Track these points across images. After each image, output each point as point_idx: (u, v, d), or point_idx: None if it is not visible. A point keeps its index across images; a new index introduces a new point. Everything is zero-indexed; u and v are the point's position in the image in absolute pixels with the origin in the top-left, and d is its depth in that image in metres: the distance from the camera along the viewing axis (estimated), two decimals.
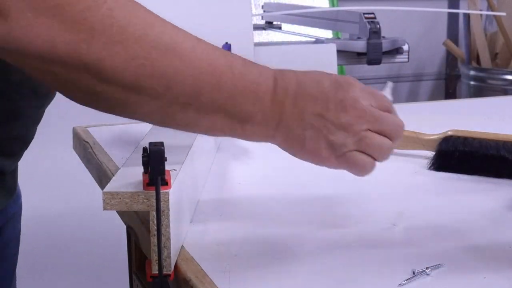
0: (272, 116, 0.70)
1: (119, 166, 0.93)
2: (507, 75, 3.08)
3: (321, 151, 0.72)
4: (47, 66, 0.62)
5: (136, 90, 0.65)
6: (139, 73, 0.64)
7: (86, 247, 1.98)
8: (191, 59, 0.67)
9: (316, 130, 0.71)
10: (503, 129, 0.99)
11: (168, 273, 0.65)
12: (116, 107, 0.68)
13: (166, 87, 0.65)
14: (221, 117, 0.69)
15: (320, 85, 0.72)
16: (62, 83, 0.65)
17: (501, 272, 0.66)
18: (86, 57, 0.62)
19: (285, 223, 0.79)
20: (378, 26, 2.08)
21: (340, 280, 0.65)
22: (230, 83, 0.68)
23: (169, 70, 0.65)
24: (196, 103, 0.67)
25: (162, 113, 0.68)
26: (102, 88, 0.64)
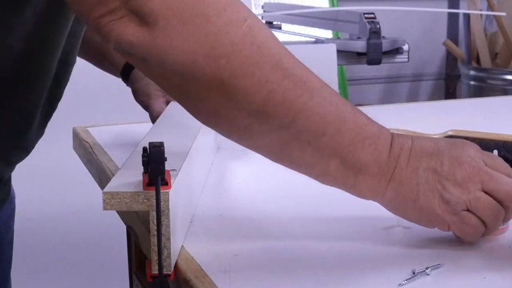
0: (387, 170, 0.69)
1: (119, 166, 0.93)
2: (507, 75, 3.08)
3: (435, 208, 0.69)
4: (181, 80, 0.63)
5: (261, 117, 0.64)
6: (269, 99, 0.64)
7: (86, 247, 1.98)
8: (320, 98, 0.66)
9: (430, 186, 0.69)
10: (503, 129, 0.99)
11: (168, 273, 0.65)
12: (236, 133, 0.68)
13: (291, 119, 0.65)
14: (337, 163, 0.68)
15: (435, 142, 0.71)
16: (190, 99, 0.65)
17: (501, 272, 0.66)
18: (223, 72, 0.62)
19: (285, 223, 0.79)
20: (378, 26, 2.08)
21: (340, 280, 0.65)
22: (353, 131, 0.67)
23: (298, 102, 0.65)
24: (317, 143, 0.67)
25: (281, 148, 0.68)
26: (229, 111, 0.64)
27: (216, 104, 0.64)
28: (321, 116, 0.66)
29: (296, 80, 0.65)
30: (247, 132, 0.67)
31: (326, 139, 0.67)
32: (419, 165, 0.69)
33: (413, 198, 0.69)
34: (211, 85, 0.62)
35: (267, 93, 0.64)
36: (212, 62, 0.62)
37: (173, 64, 0.62)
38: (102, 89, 1.75)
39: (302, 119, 0.65)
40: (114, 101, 1.85)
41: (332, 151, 0.67)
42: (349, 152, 0.68)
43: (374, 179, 0.69)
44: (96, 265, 1.96)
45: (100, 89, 1.65)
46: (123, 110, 1.69)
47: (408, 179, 0.69)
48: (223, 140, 1.11)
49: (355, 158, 0.68)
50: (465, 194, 0.68)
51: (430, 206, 0.69)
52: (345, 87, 3.16)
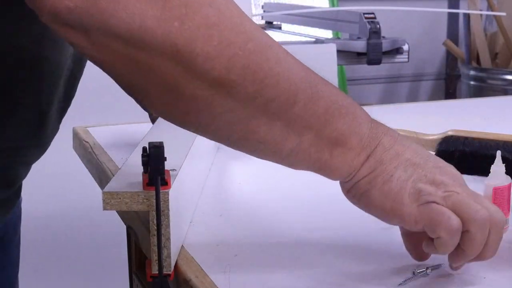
0: (368, 143, 0.62)
1: (119, 166, 0.93)
2: (507, 75, 3.08)
3: (404, 196, 0.62)
4: (129, 49, 0.55)
5: (225, 87, 0.57)
6: (232, 64, 0.56)
7: (86, 247, 1.98)
8: (287, 62, 0.60)
9: (407, 175, 0.62)
10: (503, 129, 0.99)
11: (168, 273, 0.65)
12: (195, 110, 0.59)
13: (258, 86, 0.58)
14: (311, 136, 0.61)
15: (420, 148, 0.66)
16: (140, 74, 0.57)
17: (501, 272, 0.66)
18: (177, 36, 0.54)
19: (285, 223, 0.79)
20: (378, 26, 2.08)
21: (340, 280, 0.65)
22: (327, 98, 0.60)
23: (265, 66, 0.58)
24: (287, 114, 0.59)
25: (244, 124, 0.60)
26: (187, 81, 0.56)
27: (172, 76, 0.56)
28: (291, 82, 0.59)
29: (261, 43, 0.58)
30: (207, 110, 0.58)
31: (298, 108, 0.59)
32: (404, 153, 0.63)
33: (386, 180, 0.62)
34: (164, 52, 0.55)
35: (230, 58, 0.56)
36: (164, 25, 0.54)
37: (119, 30, 0.54)
38: (102, 89, 1.75)
39: (270, 86, 0.58)
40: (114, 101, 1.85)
41: (305, 122, 0.60)
42: (325, 122, 0.61)
43: (353, 151, 0.62)
44: (96, 265, 1.96)
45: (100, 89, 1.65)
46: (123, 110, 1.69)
47: (388, 160, 0.62)
48: None
49: (332, 128, 0.61)
50: (440, 191, 0.62)
51: (399, 192, 0.62)
52: (345, 87, 3.16)
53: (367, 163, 0.63)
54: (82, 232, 1.98)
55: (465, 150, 0.95)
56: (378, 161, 0.63)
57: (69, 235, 1.98)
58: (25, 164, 0.88)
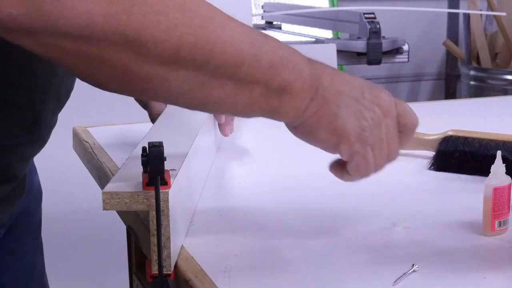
0: (310, 86, 0.68)
1: (119, 166, 0.93)
2: (507, 75, 3.08)
3: (350, 133, 0.70)
4: (79, 46, 0.57)
5: (175, 63, 0.61)
6: (181, 43, 0.60)
7: (86, 247, 1.98)
8: (231, 30, 0.64)
9: (351, 111, 0.69)
10: (503, 129, 0.99)
11: (168, 273, 0.65)
12: (151, 87, 0.63)
13: (207, 57, 0.62)
14: (259, 90, 0.66)
15: (354, 77, 0.72)
16: (93, 66, 0.59)
17: (501, 272, 0.66)
18: (125, 28, 0.57)
19: (285, 223, 0.79)
20: (378, 26, 2.08)
21: (340, 280, 0.65)
22: (269, 54, 0.66)
23: (211, 38, 0.62)
24: (237, 75, 0.64)
25: (199, 90, 0.64)
26: (139, 65, 0.60)
27: (124, 63, 0.59)
28: (237, 47, 0.64)
29: (205, 17, 0.62)
30: (163, 84, 0.62)
31: (246, 68, 0.64)
32: (343, 89, 0.70)
33: (332, 119, 0.69)
34: (114, 44, 0.57)
35: (179, 38, 0.60)
36: (112, 20, 0.56)
37: (67, 30, 0.55)
38: None
39: (218, 54, 0.62)
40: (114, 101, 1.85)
41: (253, 79, 0.65)
42: (270, 75, 0.66)
43: (298, 96, 0.68)
44: (96, 265, 1.96)
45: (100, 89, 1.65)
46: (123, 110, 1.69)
47: (331, 99, 0.69)
48: (223, 140, 1.11)
49: (277, 80, 0.66)
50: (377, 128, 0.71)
51: (345, 129, 0.70)
52: None
53: (312, 105, 0.69)
54: (82, 232, 1.98)
55: (465, 150, 0.95)
56: (321, 102, 0.69)
57: (69, 235, 1.98)
58: (23, 160, 0.89)
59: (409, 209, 0.83)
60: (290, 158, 1.05)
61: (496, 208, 0.74)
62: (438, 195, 0.90)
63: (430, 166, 0.98)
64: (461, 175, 0.94)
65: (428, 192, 0.91)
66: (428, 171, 0.97)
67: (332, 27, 2.33)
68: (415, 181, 0.95)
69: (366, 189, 0.91)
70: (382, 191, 0.90)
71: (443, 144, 0.98)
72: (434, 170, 0.97)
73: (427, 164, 0.98)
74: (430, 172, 0.97)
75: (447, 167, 0.96)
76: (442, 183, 0.94)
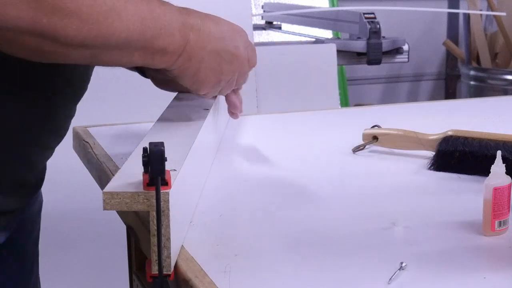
0: (178, 47, 0.82)
1: (119, 166, 0.93)
2: (507, 75, 3.08)
3: (210, 84, 0.89)
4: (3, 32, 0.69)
5: (79, 48, 0.74)
6: (87, 36, 0.73)
7: (86, 247, 1.98)
8: (127, 16, 0.76)
9: (212, 65, 0.87)
10: (503, 129, 0.99)
11: (168, 273, 0.65)
12: (54, 58, 0.76)
13: (104, 42, 0.75)
14: (140, 54, 0.80)
15: (219, 27, 0.88)
16: (13, 45, 0.72)
17: (501, 272, 0.66)
18: (45, 28, 0.70)
19: (285, 223, 0.79)
20: (378, 26, 2.09)
21: (339, 280, 0.65)
22: (152, 27, 0.79)
23: (110, 28, 0.75)
24: (125, 49, 0.78)
25: (91, 58, 0.78)
26: (52, 48, 0.72)
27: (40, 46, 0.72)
28: (129, 30, 0.76)
29: (108, 10, 0.74)
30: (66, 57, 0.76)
31: (134, 44, 0.78)
32: (206, 45, 0.86)
33: (195, 71, 0.86)
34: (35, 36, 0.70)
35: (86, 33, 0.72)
36: (35, 22, 0.69)
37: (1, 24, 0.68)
38: (102, 89, 1.75)
39: (112, 39, 0.75)
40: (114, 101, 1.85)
41: (137, 48, 0.79)
42: (151, 43, 0.79)
43: (168, 55, 0.82)
44: (96, 265, 1.96)
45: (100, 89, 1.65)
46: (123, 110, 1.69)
47: (195, 55, 0.84)
48: (224, 140, 1.11)
49: (154, 47, 0.80)
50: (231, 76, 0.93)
51: (204, 81, 0.88)
52: (345, 87, 3.16)
53: (180, 60, 0.84)
54: (82, 232, 1.98)
55: (465, 150, 0.95)
56: (187, 58, 0.84)
57: (69, 235, 1.98)
58: (43, 149, 0.90)
59: (409, 209, 0.83)
60: (290, 158, 1.05)
61: (496, 208, 0.74)
62: (438, 195, 0.90)
63: (430, 166, 0.98)
64: (461, 175, 0.94)
65: (428, 192, 0.91)
66: (428, 171, 0.97)
67: (332, 27, 2.33)
68: (415, 181, 0.95)
69: (366, 189, 0.91)
70: (382, 191, 0.90)
71: (443, 144, 0.98)
72: (434, 170, 0.97)
73: (427, 164, 0.98)
74: (430, 172, 0.97)
75: (447, 167, 0.96)
76: (442, 183, 0.94)
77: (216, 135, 1.06)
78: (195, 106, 0.98)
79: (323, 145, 1.10)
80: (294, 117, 1.31)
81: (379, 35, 2.09)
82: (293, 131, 1.21)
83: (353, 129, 1.10)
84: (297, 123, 1.27)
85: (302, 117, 1.30)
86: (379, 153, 1.05)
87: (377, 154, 1.05)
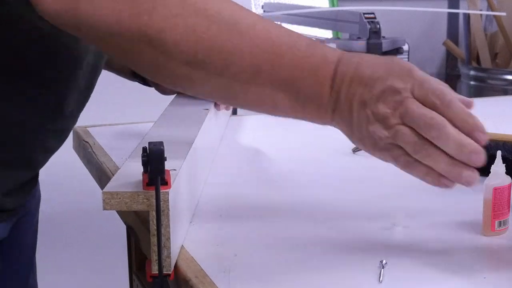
0: (329, 102, 0.69)
1: (119, 166, 0.93)
2: (507, 75, 3.08)
3: (365, 141, 0.69)
4: (113, 39, 0.65)
5: (196, 64, 0.66)
6: (198, 46, 0.65)
7: (86, 247, 1.98)
8: (251, 36, 0.67)
9: (360, 120, 0.68)
10: (503, 129, 0.99)
11: (168, 273, 0.65)
12: (179, 83, 0.70)
13: (224, 62, 0.66)
14: (282, 97, 0.68)
15: (373, 69, 0.68)
16: (129, 56, 0.67)
17: (501, 272, 0.66)
18: (147, 28, 0.64)
19: (285, 223, 0.79)
20: (378, 26, 2.09)
21: (339, 279, 0.65)
22: (290, 63, 0.68)
23: (228, 45, 0.66)
24: (256, 81, 0.67)
25: (225, 91, 0.70)
26: (165, 62, 0.66)
27: (151, 57, 0.66)
28: (254, 54, 0.67)
29: (223, 23, 0.66)
30: (188, 81, 0.69)
31: (264, 75, 0.67)
32: (354, 96, 0.68)
33: (351, 130, 0.70)
34: (140, 41, 0.65)
35: (195, 42, 0.65)
36: (136, 19, 0.64)
37: (100, 26, 0.65)
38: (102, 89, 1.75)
39: (235, 61, 0.67)
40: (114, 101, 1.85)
41: (273, 86, 0.68)
42: (290, 85, 0.68)
43: (320, 110, 0.69)
44: (96, 265, 1.96)
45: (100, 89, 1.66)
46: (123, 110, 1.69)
47: (345, 112, 0.69)
48: (224, 140, 1.11)
49: (296, 90, 0.68)
50: (387, 130, 0.67)
51: (361, 139, 0.69)
52: None
53: (335, 117, 0.70)
54: (82, 232, 1.98)
55: None
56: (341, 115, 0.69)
57: (69, 235, 1.98)
58: (46, 151, 0.91)
59: (409, 209, 0.83)
60: (290, 158, 1.05)
61: (496, 208, 0.74)
62: (438, 195, 0.90)
63: None
64: None
65: (428, 192, 0.91)
66: None
67: (332, 27, 2.33)
68: (415, 181, 0.95)
69: (366, 189, 0.91)
70: (382, 191, 0.90)
71: None
72: None
73: None
74: None
75: None
76: None
77: (216, 135, 1.06)
78: (195, 106, 0.97)
79: (323, 145, 1.10)
80: None
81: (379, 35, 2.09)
82: (293, 131, 1.21)
83: None
84: (297, 123, 1.27)
85: None
86: None
87: None
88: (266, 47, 0.67)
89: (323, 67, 0.69)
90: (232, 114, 1.25)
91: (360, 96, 0.68)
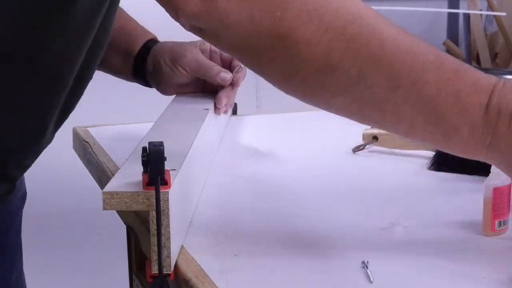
0: (481, 135, 0.61)
1: (119, 166, 0.93)
2: (507, 75, 3.07)
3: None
4: (246, 40, 0.62)
5: (328, 69, 0.61)
6: (332, 47, 0.60)
7: (86, 247, 1.98)
8: (392, 47, 0.61)
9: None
10: None
11: (168, 273, 0.65)
12: (310, 91, 0.64)
13: (359, 70, 0.60)
14: (421, 122, 0.62)
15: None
16: (260, 59, 0.64)
17: (501, 272, 0.66)
18: (280, 25, 0.60)
19: (285, 223, 0.79)
20: None
21: (339, 279, 0.65)
22: (433, 84, 0.60)
23: (364, 51, 0.60)
24: (393, 99, 0.61)
25: (356, 108, 0.63)
26: (296, 67, 0.62)
27: (283, 61, 0.62)
28: (393, 67, 0.60)
29: (363, 26, 0.61)
30: (319, 89, 0.63)
31: (402, 93, 0.60)
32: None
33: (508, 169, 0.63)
34: (272, 39, 0.61)
35: (329, 41, 0.60)
36: (269, 15, 0.60)
37: (235, 26, 0.62)
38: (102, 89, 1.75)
39: (371, 71, 0.60)
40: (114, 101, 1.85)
41: (411, 107, 0.61)
42: (432, 110, 0.61)
43: (468, 143, 0.62)
44: (96, 265, 1.96)
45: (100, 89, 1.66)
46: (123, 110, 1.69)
47: (506, 150, 0.61)
48: (224, 140, 1.11)
49: (438, 117, 0.61)
50: None
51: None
52: None
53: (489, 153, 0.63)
54: (82, 232, 1.98)
55: None
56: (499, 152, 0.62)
57: (69, 235, 1.99)
58: (21, 167, 0.89)
59: (409, 209, 0.83)
60: (290, 158, 1.05)
61: (496, 208, 0.74)
62: (438, 195, 0.90)
63: (430, 166, 0.98)
64: (461, 175, 0.94)
65: (428, 192, 0.91)
66: (428, 171, 0.97)
67: None
68: (415, 181, 0.95)
69: (366, 189, 0.91)
70: (382, 191, 0.90)
71: None
72: (434, 170, 0.97)
73: (427, 164, 0.98)
74: (430, 172, 0.97)
75: (447, 167, 0.96)
76: (442, 183, 0.94)
77: (216, 135, 1.06)
78: (195, 106, 0.98)
79: (323, 145, 1.10)
80: (294, 117, 1.31)
81: None
82: (293, 131, 1.21)
83: (353, 129, 1.10)
84: (297, 123, 1.27)
85: (302, 117, 1.30)
86: (379, 153, 1.05)
87: (377, 154, 1.05)
88: (407, 62, 0.61)
89: (471, 95, 0.61)
90: (232, 114, 1.25)
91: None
